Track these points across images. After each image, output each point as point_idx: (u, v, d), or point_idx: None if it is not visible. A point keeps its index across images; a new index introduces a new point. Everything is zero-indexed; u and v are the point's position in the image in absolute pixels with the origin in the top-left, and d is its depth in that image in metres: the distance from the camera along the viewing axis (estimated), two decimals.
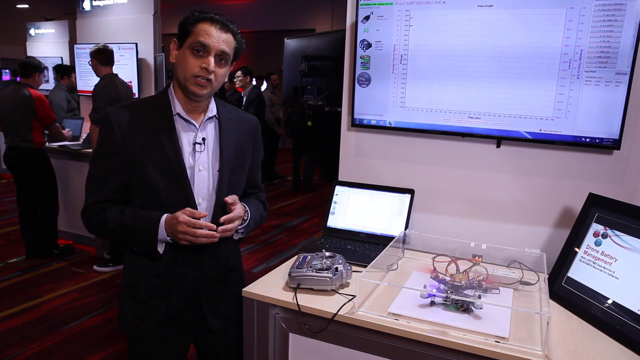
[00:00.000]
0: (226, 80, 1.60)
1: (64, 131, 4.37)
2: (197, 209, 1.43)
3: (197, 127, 1.46)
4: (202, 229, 1.35)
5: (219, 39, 1.36)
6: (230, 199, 1.43)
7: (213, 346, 1.62)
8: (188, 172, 1.43)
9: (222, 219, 1.40)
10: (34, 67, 4.07)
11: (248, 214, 1.52)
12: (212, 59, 1.37)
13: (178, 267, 1.47)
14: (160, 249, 1.42)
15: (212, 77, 1.38)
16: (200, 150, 1.45)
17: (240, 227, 1.49)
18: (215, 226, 1.38)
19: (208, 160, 1.47)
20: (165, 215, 1.39)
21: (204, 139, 1.46)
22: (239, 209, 1.45)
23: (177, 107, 1.44)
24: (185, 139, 1.45)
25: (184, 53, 1.39)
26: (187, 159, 1.44)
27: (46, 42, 7.79)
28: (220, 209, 1.47)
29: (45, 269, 4.09)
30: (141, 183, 1.41)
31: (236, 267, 1.63)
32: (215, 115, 1.51)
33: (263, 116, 6.74)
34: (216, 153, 1.49)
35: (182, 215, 1.34)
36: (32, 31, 7.93)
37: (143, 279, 1.49)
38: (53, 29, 7.81)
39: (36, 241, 4.28)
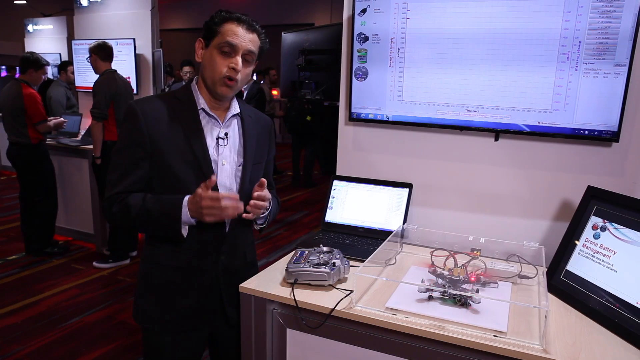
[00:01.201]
0: None
1: (49, 122, 4.17)
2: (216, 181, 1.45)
3: (221, 123, 1.49)
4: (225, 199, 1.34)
5: (245, 38, 1.39)
6: (264, 180, 1.46)
7: (231, 337, 1.63)
8: (212, 165, 1.45)
9: (255, 194, 1.43)
10: (30, 63, 4.07)
11: (270, 204, 1.55)
12: (239, 59, 1.39)
13: (198, 260, 1.48)
14: (184, 231, 1.42)
15: (238, 77, 1.41)
16: (223, 145, 1.48)
17: (262, 214, 1.51)
18: (237, 195, 1.38)
19: (230, 155, 1.50)
20: (187, 197, 1.39)
21: (226, 134, 1.49)
22: (267, 192, 1.48)
23: (202, 103, 1.47)
24: (209, 133, 1.47)
25: (210, 53, 1.40)
26: (211, 153, 1.46)
27: (44, 38, 7.76)
28: (243, 202, 1.48)
29: (45, 266, 4.10)
30: (165, 175, 1.43)
31: (252, 261, 1.67)
32: (238, 113, 1.54)
33: (263, 111, 6.73)
34: (238, 149, 1.52)
35: (205, 191, 1.33)
36: (30, 27, 7.89)
37: (162, 271, 1.50)
38: (51, 25, 7.78)
39: (33, 238, 4.28)
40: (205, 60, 1.42)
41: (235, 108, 1.53)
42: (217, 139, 1.48)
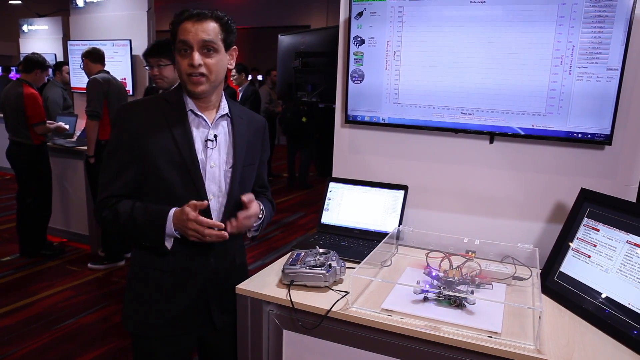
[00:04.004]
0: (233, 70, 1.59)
1: (50, 125, 4.19)
2: (209, 205, 1.45)
3: (209, 124, 1.48)
4: (211, 228, 1.37)
5: (196, 31, 1.35)
6: (246, 197, 1.45)
7: (217, 342, 1.63)
8: (200, 167, 1.44)
9: (241, 215, 1.42)
10: (37, 64, 4.09)
11: (263, 213, 1.55)
12: (195, 54, 1.36)
13: (187, 263, 1.48)
14: (168, 244, 1.42)
15: (203, 70, 1.38)
16: (211, 147, 1.47)
17: (255, 224, 1.51)
18: (223, 225, 1.39)
19: (219, 157, 1.48)
20: (173, 210, 1.39)
21: (215, 136, 1.47)
22: (255, 207, 1.47)
23: (190, 104, 1.46)
24: (197, 135, 1.46)
25: (176, 56, 1.41)
26: (199, 155, 1.45)
27: (39, 39, 7.73)
28: (232, 206, 1.49)
29: (40, 267, 4.08)
30: (153, 177, 1.42)
31: (242, 264, 1.66)
32: (227, 114, 1.52)
33: (259, 112, 6.74)
34: (228, 150, 1.50)
35: (192, 212, 1.34)
36: (25, 27, 7.87)
37: (151, 275, 1.49)
38: (46, 25, 7.76)
39: (28, 239, 4.26)
40: (176, 64, 1.43)
41: (224, 108, 1.51)
42: (206, 140, 1.46)
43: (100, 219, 1.48)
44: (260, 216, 1.53)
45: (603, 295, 1.37)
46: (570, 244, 1.54)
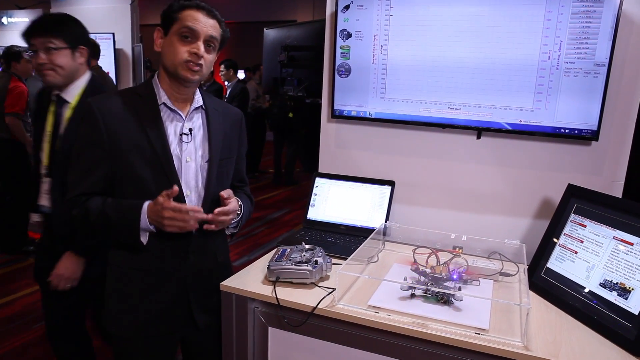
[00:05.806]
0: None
1: (27, 134, 4.05)
2: (185, 201, 1.40)
3: (184, 117, 1.43)
4: (188, 212, 1.32)
5: (206, 24, 1.36)
6: (225, 193, 1.42)
7: (201, 342, 1.59)
8: (175, 162, 1.39)
9: (217, 210, 1.39)
10: (9, 56, 4.03)
11: (241, 209, 1.51)
12: (201, 44, 1.35)
13: (166, 262, 1.44)
14: (144, 238, 1.38)
15: (202, 62, 1.36)
16: (187, 141, 1.42)
17: (233, 221, 1.48)
18: (201, 209, 1.36)
19: (195, 151, 1.44)
20: (147, 203, 1.34)
21: (190, 130, 1.43)
22: (233, 203, 1.44)
23: (163, 97, 1.41)
24: (171, 129, 1.41)
25: (170, 40, 1.36)
26: (174, 149, 1.40)
27: (20, 31, 7.58)
28: (210, 201, 1.45)
29: (20, 265, 3.99)
30: (126, 174, 1.38)
31: (225, 262, 1.62)
32: (202, 106, 1.48)
33: (246, 110, 6.69)
34: (204, 144, 1.46)
35: (167, 201, 1.29)
36: (4, 19, 7.68)
37: (130, 275, 1.45)
38: (27, 18, 7.57)
39: (7, 236, 4.17)
40: (165, 48, 1.38)
41: (198, 101, 1.47)
42: (181, 134, 1.42)
43: (70, 218, 1.42)
44: (238, 212, 1.50)
45: (589, 291, 1.37)
46: (557, 239, 1.54)
